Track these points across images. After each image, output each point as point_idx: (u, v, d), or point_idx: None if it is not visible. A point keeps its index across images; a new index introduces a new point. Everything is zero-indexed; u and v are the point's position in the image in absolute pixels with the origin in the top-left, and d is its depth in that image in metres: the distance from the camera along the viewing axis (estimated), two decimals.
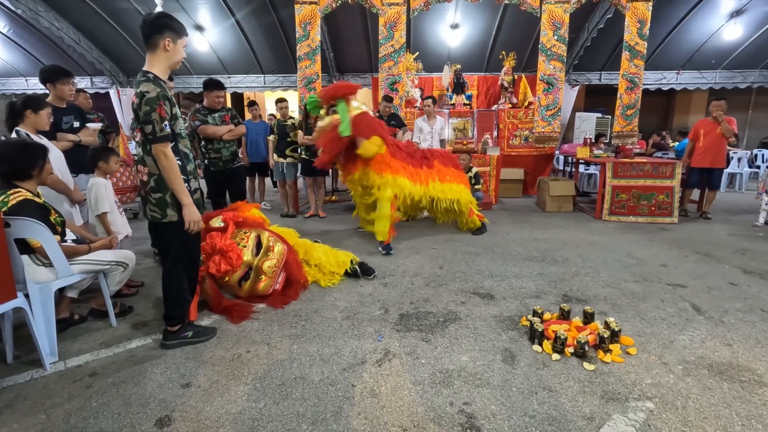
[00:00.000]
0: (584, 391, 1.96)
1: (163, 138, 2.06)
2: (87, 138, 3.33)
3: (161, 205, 2.16)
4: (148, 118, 2.03)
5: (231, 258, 2.86)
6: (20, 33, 9.94)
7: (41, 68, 3.23)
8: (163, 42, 2.09)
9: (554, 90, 7.05)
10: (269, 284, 2.98)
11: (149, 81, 2.06)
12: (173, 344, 2.34)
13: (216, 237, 2.93)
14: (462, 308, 2.87)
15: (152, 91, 2.03)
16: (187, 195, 2.15)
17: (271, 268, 2.98)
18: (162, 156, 2.07)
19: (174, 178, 2.10)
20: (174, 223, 2.19)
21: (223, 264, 2.85)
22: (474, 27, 9.55)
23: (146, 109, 2.02)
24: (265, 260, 2.98)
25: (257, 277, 2.96)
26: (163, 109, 2.05)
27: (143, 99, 2.02)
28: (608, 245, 4.38)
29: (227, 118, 4.13)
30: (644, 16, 6.71)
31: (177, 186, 2.12)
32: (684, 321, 2.67)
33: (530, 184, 7.53)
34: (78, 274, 2.39)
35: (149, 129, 2.04)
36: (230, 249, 2.88)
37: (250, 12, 9.07)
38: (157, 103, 2.03)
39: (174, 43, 2.12)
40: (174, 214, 2.18)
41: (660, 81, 10.92)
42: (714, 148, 5.49)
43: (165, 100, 2.07)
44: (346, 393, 1.96)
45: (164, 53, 2.11)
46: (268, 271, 2.97)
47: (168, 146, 2.08)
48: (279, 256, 3.05)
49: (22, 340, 2.36)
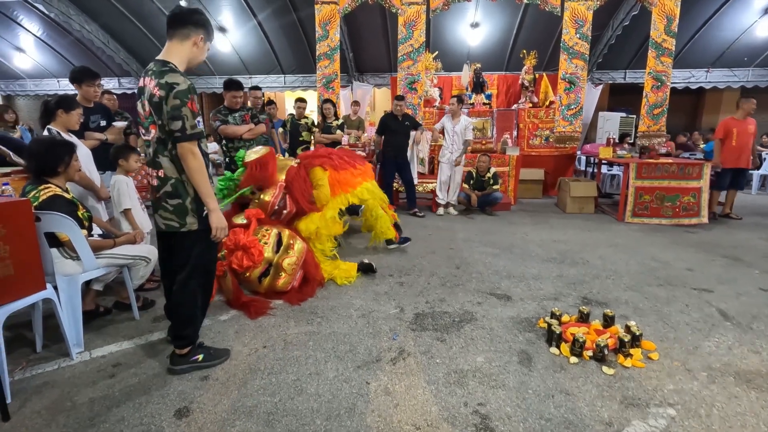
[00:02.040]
0: (603, 396, 1.91)
1: (194, 135, 1.86)
2: (113, 136, 3.45)
3: (180, 212, 1.94)
4: (177, 113, 1.80)
5: (253, 254, 2.90)
6: (53, 36, 10.33)
7: (71, 69, 3.36)
8: (196, 37, 1.94)
9: (576, 89, 6.90)
10: (288, 281, 3.02)
11: (175, 72, 1.85)
12: (182, 369, 2.10)
13: (239, 233, 2.98)
14: (478, 309, 2.85)
15: (183, 83, 1.82)
16: (215, 199, 1.97)
17: (291, 265, 3.02)
18: (190, 155, 1.86)
19: (202, 180, 1.89)
20: (193, 232, 1.97)
21: (246, 260, 2.89)
22: (494, 25, 9.44)
23: (176, 103, 1.80)
24: (285, 257, 3.02)
25: (277, 273, 3.01)
26: (194, 103, 1.86)
27: (172, 91, 1.79)
28: (631, 248, 4.27)
29: (247, 117, 4.20)
30: (672, 12, 6.50)
31: (205, 188, 1.91)
32: (710, 327, 2.58)
33: (550, 184, 7.40)
34: (103, 267, 2.47)
35: (178, 125, 1.81)
36: (252, 245, 2.93)
37: (272, 12, 9.20)
38: (189, 96, 1.83)
39: (203, 43, 1.99)
40: (194, 221, 1.96)
41: (688, 79, 10.57)
42: (747, 147, 5.39)
43: (194, 94, 1.89)
44: (360, 390, 1.97)
45: (192, 48, 1.95)
46: (288, 269, 3.00)
47: (197, 145, 1.89)
48: (298, 254, 3.09)
49: (51, 331, 2.45)
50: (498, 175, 6.05)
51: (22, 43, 10.73)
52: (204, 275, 2.12)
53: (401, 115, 5.65)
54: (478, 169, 5.99)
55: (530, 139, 7.70)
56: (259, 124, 4.26)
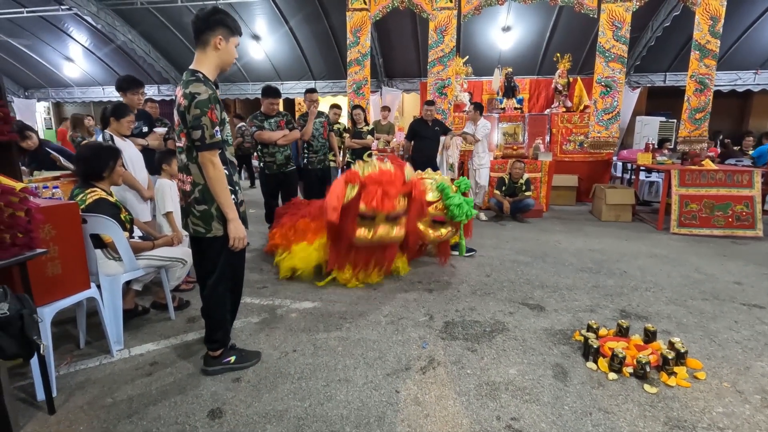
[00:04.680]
0: (645, 416, 1.82)
1: (213, 145, 1.87)
2: (154, 142, 3.60)
3: (206, 218, 1.97)
4: (197, 123, 1.83)
5: (388, 198, 3.09)
6: (98, 45, 10.91)
7: (117, 78, 3.53)
8: (215, 40, 1.90)
9: (613, 93, 6.67)
10: (400, 234, 3.22)
11: (200, 81, 1.87)
12: (215, 371, 2.16)
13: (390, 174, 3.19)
14: (510, 319, 2.78)
15: (204, 93, 1.84)
16: (234, 209, 1.96)
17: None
18: (210, 165, 1.87)
19: (221, 190, 1.91)
20: (220, 238, 1.99)
21: (380, 200, 3.05)
22: (527, 29, 9.27)
23: (196, 113, 1.83)
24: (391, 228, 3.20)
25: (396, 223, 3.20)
26: (214, 113, 1.86)
27: (193, 101, 1.83)
28: (672, 259, 4.07)
29: (282, 123, 4.29)
30: (717, 13, 6.19)
31: (223, 198, 1.92)
32: (762, 346, 2.41)
33: (584, 191, 7.16)
34: (143, 268, 2.56)
35: (198, 135, 1.85)
36: (393, 191, 3.12)
37: (303, 19, 9.38)
38: (209, 106, 1.84)
39: (226, 42, 1.93)
40: (220, 227, 1.98)
41: (735, 82, 10.03)
42: None
43: (216, 103, 1.89)
44: (389, 399, 1.95)
45: (214, 52, 1.93)
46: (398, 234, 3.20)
47: (217, 154, 1.89)
48: (396, 238, 3.24)
49: (92, 328, 2.56)
50: (530, 181, 5.91)
51: (71, 53, 11.38)
52: (232, 280, 2.15)
53: (431, 121, 5.61)
54: (512, 175, 5.87)
55: (563, 145, 7.48)
56: (293, 130, 4.35)
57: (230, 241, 1.98)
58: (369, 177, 3.16)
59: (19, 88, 13.04)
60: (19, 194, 1.67)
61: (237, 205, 2.03)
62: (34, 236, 1.73)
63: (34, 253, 1.72)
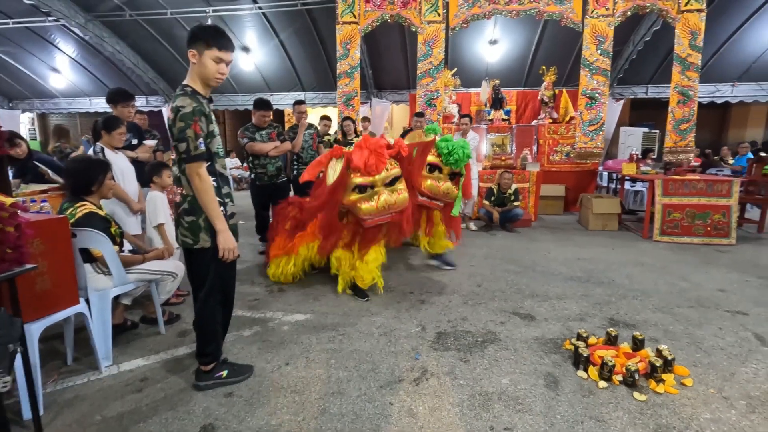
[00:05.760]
0: (635, 423, 1.85)
1: (198, 157, 1.89)
2: (143, 154, 3.58)
3: (194, 229, 1.98)
4: (182, 135, 1.86)
5: (378, 162, 3.00)
6: (86, 57, 10.83)
7: (108, 90, 3.52)
8: (189, 53, 1.93)
9: (597, 104, 6.84)
10: (405, 197, 3.10)
11: (186, 95, 1.91)
12: (206, 386, 2.14)
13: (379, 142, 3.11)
14: (501, 328, 2.80)
15: (188, 106, 1.87)
16: (222, 220, 1.97)
17: (384, 203, 3.05)
18: (196, 177, 1.90)
19: (208, 202, 1.93)
20: (209, 250, 2.00)
21: (369, 160, 2.97)
22: (513, 42, 9.48)
23: (181, 126, 1.86)
24: (389, 195, 3.07)
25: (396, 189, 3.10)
26: (198, 125, 1.88)
27: (178, 114, 1.87)
28: (659, 267, 4.15)
29: (273, 135, 4.32)
30: (697, 27, 6.41)
31: (211, 210, 1.94)
32: (746, 352, 2.47)
33: (572, 201, 7.29)
34: (133, 282, 2.53)
35: (183, 147, 1.88)
36: (380, 155, 3.02)
37: (293, 31, 9.46)
38: (193, 119, 1.87)
39: (200, 55, 1.92)
40: (208, 239, 1.98)
41: (713, 94, 10.35)
42: None
43: (201, 116, 1.91)
44: (383, 411, 1.95)
45: (193, 66, 1.95)
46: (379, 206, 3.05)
47: (203, 166, 1.91)
48: (399, 203, 3.09)
49: (81, 344, 2.52)
50: (519, 192, 6.00)
51: (58, 64, 11.28)
52: (222, 293, 2.15)
53: None
54: (501, 185, 5.95)
55: (550, 155, 7.63)
56: (284, 141, 4.37)
57: (220, 253, 1.98)
58: (354, 147, 3.13)
59: (3, 99, 12.86)
60: (9, 209, 1.66)
61: (227, 216, 2.04)
62: (24, 252, 1.71)
63: (23, 268, 1.70)
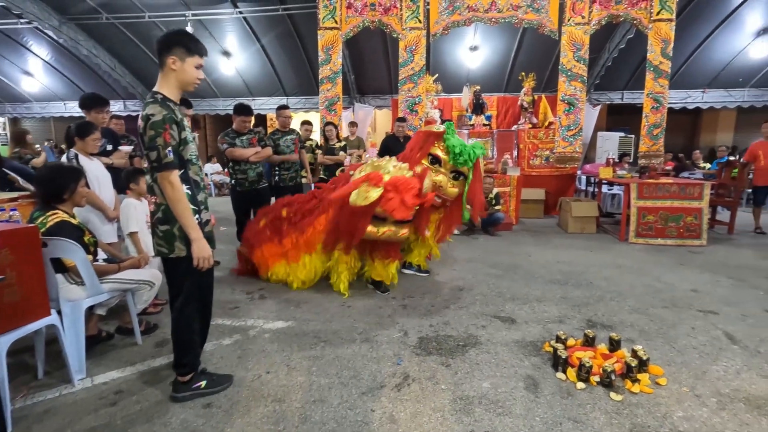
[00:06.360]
0: (611, 423, 1.88)
1: (167, 165, 1.85)
2: (119, 161, 3.50)
3: (168, 238, 1.95)
4: (152, 144, 1.83)
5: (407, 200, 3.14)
6: (60, 60, 10.58)
7: (81, 95, 3.43)
8: (169, 60, 1.91)
9: (575, 110, 7.01)
10: (405, 235, 3.36)
11: (156, 102, 1.87)
12: (184, 397, 2.09)
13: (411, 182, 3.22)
14: (483, 332, 2.83)
15: (158, 114, 1.83)
16: (197, 229, 1.93)
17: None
18: (167, 185, 1.86)
19: (182, 210, 1.89)
20: (184, 258, 1.96)
21: (401, 211, 3.11)
22: (493, 49, 9.65)
23: (151, 134, 1.83)
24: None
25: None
26: (168, 133, 1.85)
27: (148, 122, 1.83)
28: (635, 269, 4.26)
29: (254, 140, 4.28)
30: (668, 36, 6.66)
31: (185, 219, 1.90)
32: (717, 350, 2.55)
33: (551, 204, 7.43)
34: (107, 292, 2.47)
35: (154, 156, 1.84)
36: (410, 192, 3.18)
37: (275, 37, 9.42)
38: (163, 126, 1.83)
39: (182, 62, 1.91)
40: (183, 248, 1.95)
41: (685, 100, 10.73)
42: None
43: (172, 124, 1.87)
44: (365, 418, 1.94)
45: (172, 73, 1.93)
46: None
47: (174, 174, 1.88)
48: (399, 239, 3.39)
49: (52, 356, 2.44)
50: (500, 196, 6.08)
51: (31, 68, 10.97)
52: (200, 302, 2.11)
53: (402, 137, 5.72)
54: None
55: (530, 160, 7.77)
56: (265, 147, 4.34)
57: (194, 262, 1.95)
58: (390, 182, 3.21)
59: None
60: None
61: (203, 224, 2.02)
62: None
63: None
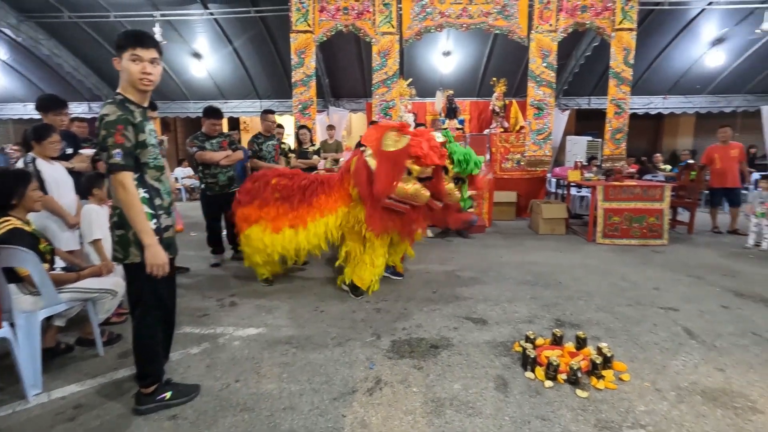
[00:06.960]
0: (577, 420, 1.93)
1: (114, 167, 1.78)
2: (79, 165, 3.37)
3: (123, 243, 1.89)
4: (104, 145, 1.78)
5: (433, 153, 3.09)
6: (20, 60, 10.09)
7: (38, 97, 3.29)
8: (115, 62, 1.88)
9: (544, 115, 7.20)
10: (426, 196, 3.20)
11: (113, 103, 1.83)
12: (148, 409, 2.01)
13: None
14: (455, 334, 2.85)
15: (112, 114, 1.78)
16: (150, 234, 1.84)
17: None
18: (120, 188, 1.79)
19: (135, 214, 1.81)
20: (140, 265, 1.88)
21: (427, 152, 3.05)
22: (465, 54, 9.81)
23: (103, 134, 1.78)
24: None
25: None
26: (120, 134, 1.78)
27: (102, 123, 1.79)
28: (602, 268, 4.40)
29: (225, 144, 4.20)
30: (629, 45, 6.93)
31: (137, 223, 1.82)
32: (677, 345, 2.66)
33: (523, 206, 7.59)
34: (66, 302, 2.36)
35: (106, 157, 1.79)
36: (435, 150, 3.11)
37: (248, 39, 9.29)
38: (116, 127, 1.77)
39: (120, 59, 1.85)
40: (138, 254, 1.88)
41: (648, 105, 11.19)
42: (731, 169, 6.14)
43: (128, 125, 1.81)
44: (336, 424, 1.93)
45: (121, 74, 1.88)
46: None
47: (126, 176, 1.80)
48: (423, 198, 3.21)
49: (5, 371, 2.31)
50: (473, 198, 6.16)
51: None
52: (160, 310, 2.06)
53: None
54: None
55: (502, 163, 7.91)
56: (236, 150, 4.27)
57: (147, 269, 1.87)
58: (416, 131, 3.24)
59: None
60: None
61: (161, 230, 1.96)
62: None
63: None
